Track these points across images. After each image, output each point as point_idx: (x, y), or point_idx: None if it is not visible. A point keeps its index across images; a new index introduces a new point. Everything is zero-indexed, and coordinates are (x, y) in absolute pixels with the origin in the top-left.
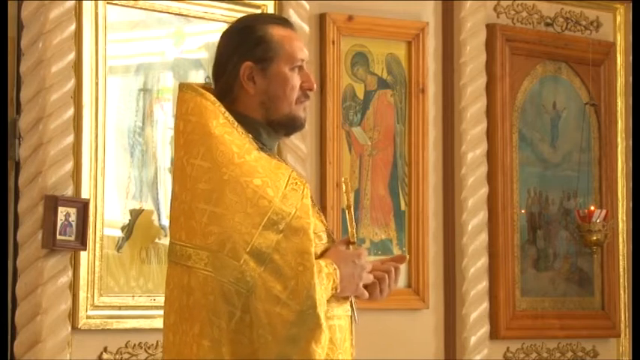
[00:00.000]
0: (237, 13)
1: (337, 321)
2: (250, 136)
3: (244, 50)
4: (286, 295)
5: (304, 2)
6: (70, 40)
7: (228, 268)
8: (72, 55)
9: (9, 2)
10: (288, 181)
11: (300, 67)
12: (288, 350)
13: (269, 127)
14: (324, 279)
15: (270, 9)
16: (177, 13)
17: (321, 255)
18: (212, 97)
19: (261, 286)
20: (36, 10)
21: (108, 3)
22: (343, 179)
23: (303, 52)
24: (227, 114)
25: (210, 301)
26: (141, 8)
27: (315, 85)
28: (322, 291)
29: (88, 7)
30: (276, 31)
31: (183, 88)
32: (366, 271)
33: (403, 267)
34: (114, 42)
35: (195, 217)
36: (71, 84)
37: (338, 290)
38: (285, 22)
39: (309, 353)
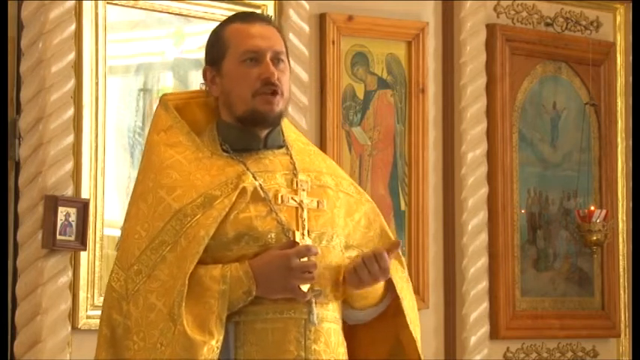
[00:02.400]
0: None
1: (272, 323)
2: (220, 139)
3: (205, 55)
4: (162, 302)
5: (304, 2)
6: (70, 40)
7: (119, 277)
8: (72, 55)
9: (9, 2)
10: (218, 185)
11: (256, 59)
12: (158, 357)
13: (241, 124)
14: (220, 284)
15: (270, 9)
16: (177, 13)
17: (253, 258)
18: (170, 107)
19: (141, 294)
20: (36, 10)
21: (108, 3)
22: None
23: (258, 43)
24: (180, 122)
25: (104, 311)
26: (141, 8)
27: (275, 74)
28: (211, 297)
29: (88, 7)
30: (230, 28)
31: (160, 99)
32: (299, 271)
33: None
34: (114, 42)
35: (121, 231)
36: (71, 84)
37: (254, 293)
38: (247, 17)
39: None
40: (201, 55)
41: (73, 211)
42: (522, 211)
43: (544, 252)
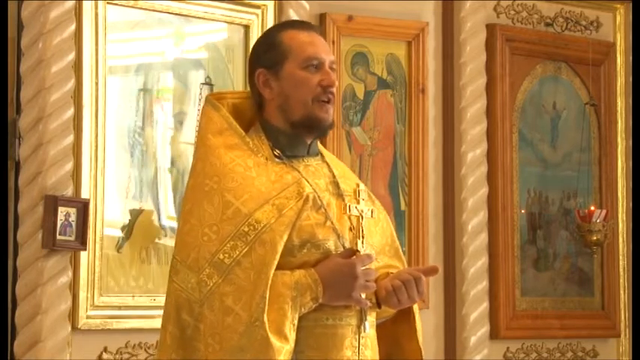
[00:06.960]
0: (238, 13)
1: (332, 329)
2: (269, 144)
3: (258, 58)
4: (239, 306)
5: (304, 2)
6: (70, 40)
7: (188, 278)
8: (72, 55)
9: (9, 2)
10: (282, 192)
11: (317, 66)
12: None
13: (292, 130)
14: (292, 290)
15: (270, 9)
16: (177, 13)
17: (315, 265)
18: (222, 109)
19: (215, 297)
20: (36, 10)
21: (108, 3)
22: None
23: (320, 51)
24: (234, 125)
25: (168, 310)
26: (141, 8)
27: (336, 82)
28: (284, 303)
29: (88, 7)
30: (288, 34)
31: (206, 99)
32: (363, 279)
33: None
34: (114, 42)
35: (180, 230)
36: (71, 84)
37: (320, 300)
38: (302, 25)
39: None
40: (200, 55)
41: (72, 211)
42: (522, 211)
43: (544, 252)
